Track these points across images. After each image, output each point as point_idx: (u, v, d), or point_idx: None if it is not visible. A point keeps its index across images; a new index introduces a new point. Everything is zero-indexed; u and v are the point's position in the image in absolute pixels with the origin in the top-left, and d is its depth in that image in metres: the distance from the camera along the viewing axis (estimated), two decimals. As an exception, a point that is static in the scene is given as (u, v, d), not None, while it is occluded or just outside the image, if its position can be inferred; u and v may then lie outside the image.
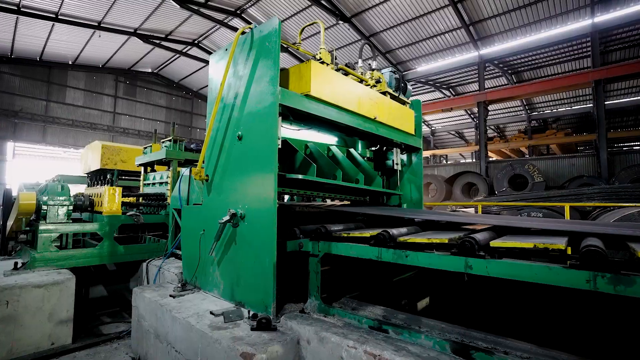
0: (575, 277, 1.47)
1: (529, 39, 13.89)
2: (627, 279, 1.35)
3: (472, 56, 15.22)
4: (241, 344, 1.96)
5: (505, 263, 1.66)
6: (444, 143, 33.84)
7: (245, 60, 2.79)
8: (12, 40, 15.49)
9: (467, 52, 15.36)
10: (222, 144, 2.96)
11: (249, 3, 14.77)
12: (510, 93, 13.91)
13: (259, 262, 2.47)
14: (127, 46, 17.55)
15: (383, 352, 1.75)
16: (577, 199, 6.58)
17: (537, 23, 13.24)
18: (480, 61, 14.90)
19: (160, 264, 3.81)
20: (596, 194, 6.41)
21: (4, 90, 17.17)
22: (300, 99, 2.69)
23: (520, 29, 13.62)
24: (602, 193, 6.34)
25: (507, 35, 14.07)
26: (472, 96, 14.94)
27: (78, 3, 13.22)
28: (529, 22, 13.17)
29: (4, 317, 3.00)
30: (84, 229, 3.88)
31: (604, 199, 6.19)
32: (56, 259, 3.62)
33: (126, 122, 21.61)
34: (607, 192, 6.31)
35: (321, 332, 2.03)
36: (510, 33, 13.97)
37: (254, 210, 2.55)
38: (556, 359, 1.70)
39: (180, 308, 2.63)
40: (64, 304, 3.33)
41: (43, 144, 18.18)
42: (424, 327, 2.13)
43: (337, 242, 2.41)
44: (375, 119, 3.47)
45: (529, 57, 16.16)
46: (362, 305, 2.55)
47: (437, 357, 1.75)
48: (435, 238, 1.98)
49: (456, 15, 13.16)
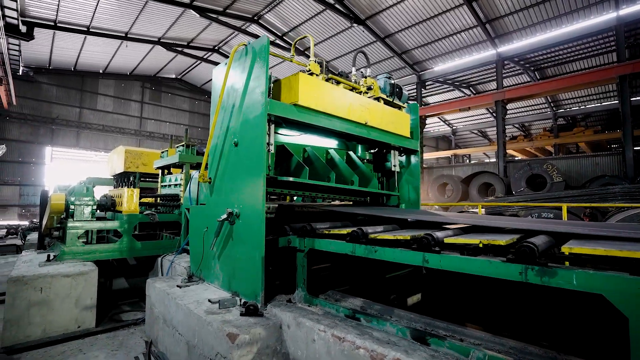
0: (511, 269, 1.63)
1: (550, 35, 13.48)
2: (551, 271, 1.51)
3: (489, 54, 14.95)
4: (228, 326, 2.24)
5: (455, 258, 1.84)
6: (467, 142, 33.11)
7: (241, 73, 3.08)
8: (50, 53, 16.77)
9: (484, 50, 15.10)
10: (222, 150, 3.27)
11: (266, 9, 15.23)
12: (529, 91, 13.56)
13: (250, 256, 2.75)
14: (152, 54, 18.52)
15: (347, 335, 1.97)
16: (590, 199, 6.42)
17: (558, 18, 12.84)
18: (498, 59, 14.61)
19: (173, 259, 4.18)
20: (610, 195, 6.24)
21: (43, 99, 18.59)
22: (289, 108, 2.95)
23: (539, 25, 13.26)
24: (616, 193, 6.16)
25: (526, 32, 13.73)
26: (489, 95, 14.68)
27: (107, 16, 14.16)
28: (549, 17, 12.81)
29: (39, 301, 3.46)
30: (105, 227, 4.33)
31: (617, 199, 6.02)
32: (82, 253, 4.07)
33: (152, 126, 22.74)
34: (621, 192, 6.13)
35: (299, 318, 2.28)
36: (530, 30, 13.62)
37: (247, 210, 2.84)
38: (503, 344, 1.86)
39: (183, 296, 2.95)
40: (89, 292, 3.76)
41: (77, 148, 19.51)
42: (395, 316, 2.33)
43: (320, 239, 2.65)
44: (367, 124, 3.67)
45: (552, 53, 15.65)
46: (345, 297, 2.77)
47: (395, 341, 1.95)
48: (400, 235, 2.18)
49: (471, 14, 13.00)
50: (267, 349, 2.29)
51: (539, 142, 20.79)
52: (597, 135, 18.21)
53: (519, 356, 1.74)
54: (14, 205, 17.99)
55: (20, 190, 18.07)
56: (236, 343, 2.12)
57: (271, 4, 14.71)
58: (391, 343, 1.89)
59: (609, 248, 1.48)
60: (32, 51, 15.97)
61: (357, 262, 3.69)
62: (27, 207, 17.99)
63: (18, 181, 18.03)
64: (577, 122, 23.32)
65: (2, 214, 17.43)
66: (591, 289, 1.41)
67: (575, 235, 1.87)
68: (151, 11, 14.17)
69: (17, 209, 17.94)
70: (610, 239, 1.74)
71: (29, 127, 18.21)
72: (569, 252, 1.54)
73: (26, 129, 18.16)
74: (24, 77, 17.13)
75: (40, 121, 18.39)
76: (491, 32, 13.92)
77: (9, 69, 12.29)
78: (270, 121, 3.07)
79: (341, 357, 1.94)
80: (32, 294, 3.41)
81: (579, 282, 1.44)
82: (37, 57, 17.03)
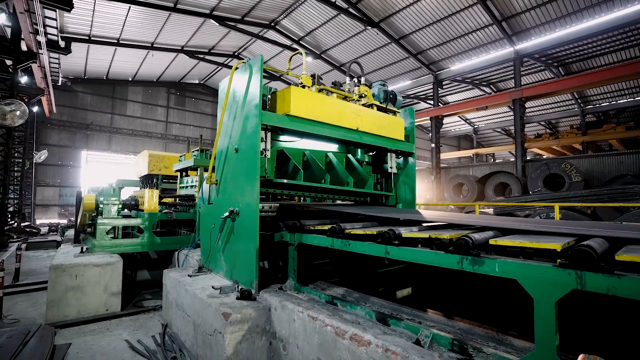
0: (451, 259, 1.90)
1: (572, 30, 13.07)
2: (480, 260, 1.77)
3: (507, 52, 14.68)
4: (224, 307, 2.63)
5: (409, 250, 2.13)
6: (490, 141, 32.26)
7: (240, 87, 3.48)
8: (85, 64, 18.12)
9: (502, 48, 14.83)
10: (226, 155, 3.68)
11: (282, 15, 15.73)
12: (547, 89, 13.22)
13: (247, 248, 3.13)
14: (176, 62, 19.53)
15: (319, 315, 2.31)
16: (599, 199, 6.33)
17: (578, 13, 12.46)
18: (516, 57, 14.32)
19: (187, 253, 4.66)
20: (619, 194, 6.12)
21: (79, 106, 20.07)
22: (282, 118, 3.31)
23: (559, 20, 12.91)
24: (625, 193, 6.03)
25: (544, 28, 13.39)
26: (507, 93, 14.42)
27: (135, 29, 15.16)
28: (568, 12, 12.45)
29: (74, 287, 4.02)
30: (129, 223, 4.88)
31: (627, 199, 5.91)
32: (109, 246, 4.63)
33: (177, 129, 23.90)
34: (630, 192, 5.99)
35: (283, 302, 2.63)
36: (549, 26, 13.28)
37: (245, 208, 3.23)
38: (453, 326, 2.13)
39: (192, 284, 3.39)
40: (115, 280, 4.30)
41: (109, 151, 20.89)
42: (369, 303, 2.63)
43: (307, 234, 2.99)
44: (358, 129, 3.97)
45: (576, 48, 15.13)
46: (330, 287, 3.10)
47: (360, 321, 2.26)
48: (369, 230, 2.48)
49: (486, 12, 12.87)
50: (257, 328, 2.66)
51: (565, 140, 20.00)
52: (630, 132, 17.29)
53: (462, 335, 2.01)
54: (54, 205, 19.54)
55: (59, 191, 19.60)
56: (229, 321, 2.50)
57: (287, 10, 15.18)
58: (355, 322, 2.21)
59: (530, 241, 1.73)
60: (69, 63, 17.33)
61: (351, 257, 4.01)
62: (66, 206, 19.48)
63: (58, 183, 19.57)
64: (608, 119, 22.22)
65: (44, 213, 18.99)
66: (508, 275, 1.67)
67: (518, 230, 2.11)
68: (174, 22, 15.03)
69: (57, 208, 19.48)
70: (540, 234, 1.97)
71: (67, 133, 19.73)
72: (494, 244, 1.80)
73: (64, 134, 19.68)
74: (62, 87, 18.58)
75: (77, 127, 19.86)
76: (508, 30, 13.69)
77: (50, 80, 13.48)
78: (267, 129, 3.44)
79: (313, 333, 2.27)
80: (68, 280, 3.97)
81: (500, 270, 1.70)
82: (73, 68, 18.43)
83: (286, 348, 2.53)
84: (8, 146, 11.64)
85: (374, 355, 1.83)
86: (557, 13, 12.60)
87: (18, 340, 2.45)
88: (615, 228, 2.22)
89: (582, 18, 12.67)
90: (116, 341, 3.52)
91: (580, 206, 6.21)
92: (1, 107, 7.24)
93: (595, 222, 4.71)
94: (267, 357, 2.67)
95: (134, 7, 13.29)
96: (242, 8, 14.80)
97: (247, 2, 14.36)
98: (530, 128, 26.51)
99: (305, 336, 2.35)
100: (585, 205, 5.94)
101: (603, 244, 1.61)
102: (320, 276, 3.47)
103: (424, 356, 1.69)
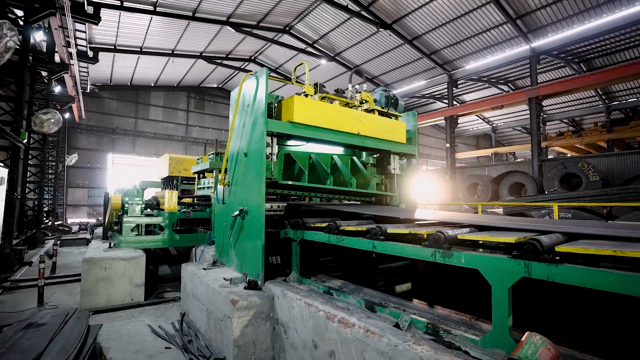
0: (427, 252, 2.14)
1: (591, 25, 12.76)
2: (449, 253, 2.01)
3: (523, 50, 14.46)
4: (233, 295, 2.96)
5: (392, 244, 2.38)
6: (510, 140, 31.52)
7: (248, 97, 3.81)
8: (110, 72, 19.15)
9: (517, 46, 14.62)
10: (236, 159, 4.03)
11: (296, 20, 16.11)
12: (565, 86, 12.94)
13: (254, 244, 3.46)
14: (195, 67, 20.30)
15: (314, 302, 2.59)
16: (608, 199, 6.26)
17: (597, 8, 12.16)
18: (532, 54, 14.10)
19: (203, 249, 5.05)
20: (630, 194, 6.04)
21: (106, 112, 21.21)
22: (286, 125, 3.61)
23: (576, 16, 12.63)
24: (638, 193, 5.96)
25: (561, 24, 13.13)
26: (523, 92, 14.20)
27: (156, 37, 15.94)
28: (586, 8, 12.18)
29: (104, 278, 4.48)
30: (151, 221, 5.32)
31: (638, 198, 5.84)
32: (134, 242, 5.09)
33: (196, 132, 24.77)
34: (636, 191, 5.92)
35: (285, 291, 2.93)
36: (566, 22, 13.01)
37: (252, 207, 3.55)
38: (432, 313, 2.37)
39: (206, 275, 3.75)
40: (139, 273, 4.74)
41: (133, 154, 21.95)
42: (362, 293, 2.90)
43: (307, 231, 3.28)
44: (359, 134, 4.23)
45: (599, 43, 14.71)
46: (330, 279, 3.38)
47: (350, 308, 2.53)
48: (360, 227, 2.74)
49: (499, 11, 12.76)
50: (262, 314, 2.98)
51: (589, 138, 19.35)
52: (658, 129, 16.62)
53: (439, 320, 2.24)
54: (84, 205, 20.75)
55: (88, 192, 20.79)
56: (237, 307, 2.83)
57: (300, 15, 15.54)
58: (344, 309, 2.48)
59: (492, 236, 1.95)
60: (96, 71, 18.37)
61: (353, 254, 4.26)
62: (94, 206, 20.64)
63: (87, 184, 20.76)
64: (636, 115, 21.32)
65: (75, 213, 20.19)
66: (471, 265, 1.90)
67: (492, 227, 2.32)
68: (193, 30, 15.70)
69: (87, 208, 20.67)
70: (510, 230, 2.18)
71: (94, 137, 20.89)
72: (462, 238, 2.03)
73: (92, 138, 20.85)
74: (90, 94, 19.73)
75: (104, 131, 21.01)
76: (523, 28, 13.51)
77: (79, 88, 14.41)
78: (273, 135, 3.76)
79: (308, 317, 2.56)
80: (99, 272, 4.44)
81: (465, 261, 1.94)
82: (100, 75, 19.52)
83: (287, 332, 2.83)
84: (43, 151, 12.58)
85: (357, 335, 2.10)
86: (575, 9, 12.35)
87: (59, 320, 2.87)
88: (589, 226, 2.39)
89: (601, 13, 12.36)
90: (140, 326, 3.93)
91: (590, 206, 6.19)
92: (39, 116, 7.95)
93: (580, 220, 4.73)
94: (270, 340, 2.98)
95: (155, 18, 14.01)
96: (257, 14, 15.28)
97: (262, 9, 14.82)
98: (553, 126, 25.77)
99: (302, 321, 2.64)
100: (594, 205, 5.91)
101: (557, 239, 1.82)
102: (325, 271, 3.75)
103: (397, 335, 1.94)
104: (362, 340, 2.05)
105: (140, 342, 3.50)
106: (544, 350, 1.51)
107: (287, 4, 14.65)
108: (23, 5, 7.01)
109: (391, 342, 1.88)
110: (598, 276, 1.46)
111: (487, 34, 14.41)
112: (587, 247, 1.57)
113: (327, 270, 3.82)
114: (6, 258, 6.61)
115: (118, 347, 3.39)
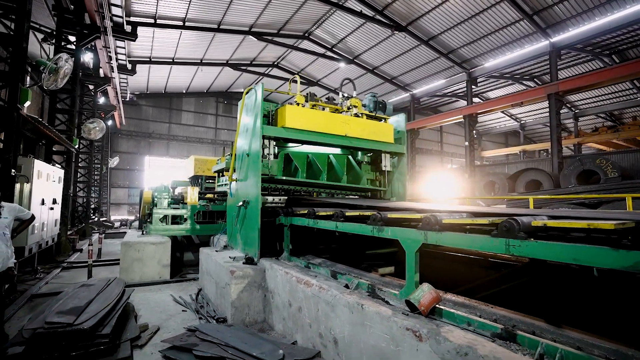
0: (367, 229, 2.74)
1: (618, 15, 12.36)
2: (383, 228, 2.60)
3: (542, 45, 14.24)
4: (232, 267, 3.70)
5: (347, 224, 3.00)
6: (542, 136, 30.33)
7: (251, 107, 4.56)
8: (147, 81, 20.95)
9: (536, 42, 14.41)
10: (242, 158, 4.79)
11: (314, 26, 16.85)
12: (587, 81, 12.61)
13: (252, 228, 4.19)
14: (222, 74, 21.65)
15: (291, 271, 3.27)
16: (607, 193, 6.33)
17: (619, 0, 11.82)
18: (552, 50, 13.85)
19: (219, 236, 5.88)
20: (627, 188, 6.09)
21: (143, 118, 23.15)
22: (279, 130, 4.32)
23: (597, 9, 12.32)
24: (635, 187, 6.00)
25: (582, 17, 12.83)
26: (542, 88, 13.99)
27: (186, 49, 17.35)
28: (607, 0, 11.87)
29: (138, 259, 5.43)
30: (175, 213, 6.25)
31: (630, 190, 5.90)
32: (161, 230, 6.03)
33: (225, 135, 26.24)
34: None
35: (273, 265, 3.63)
36: (587, 15, 12.71)
37: (252, 199, 4.29)
38: (378, 279, 2.95)
39: (217, 255, 4.54)
40: (165, 255, 5.65)
41: (167, 156, 23.76)
42: (333, 267, 3.53)
43: (295, 217, 3.96)
44: (347, 135, 4.84)
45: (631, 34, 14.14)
46: (314, 258, 4.03)
47: (317, 276, 3.17)
48: (329, 211, 3.38)
49: (514, 8, 12.73)
50: (255, 283, 3.70)
51: (625, 133, 18.36)
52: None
53: (380, 283, 2.83)
54: (124, 203, 22.81)
55: (128, 192, 22.84)
56: (234, 276, 3.57)
57: (318, 22, 16.26)
58: (311, 276, 3.13)
59: (411, 215, 2.52)
60: (134, 82, 20.20)
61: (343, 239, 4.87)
62: (134, 205, 22.62)
63: (127, 184, 22.82)
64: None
65: (116, 210, 22.27)
66: (394, 237, 2.49)
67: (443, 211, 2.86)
68: (219, 40, 16.92)
69: (127, 206, 22.72)
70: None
71: (133, 141, 22.90)
72: (392, 217, 2.62)
73: (131, 142, 22.87)
74: (129, 102, 21.67)
75: (141, 136, 22.97)
76: (540, 23, 13.33)
77: (120, 98, 16.07)
78: (270, 138, 4.47)
79: (286, 283, 3.24)
80: (134, 253, 5.39)
81: (391, 234, 2.53)
82: (138, 85, 21.41)
83: (273, 297, 3.53)
84: (90, 154, 14.23)
85: (314, 291, 2.75)
86: (595, 1, 12.07)
87: (104, 283, 3.79)
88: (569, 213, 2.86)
89: (624, 4, 11.98)
90: (165, 296, 4.81)
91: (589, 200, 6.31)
92: (87, 124, 9.28)
93: (563, 209, 4.88)
94: (262, 304, 3.70)
95: (185, 32, 15.33)
96: (277, 23, 16.19)
97: (281, 18, 15.70)
98: (587, 121, 24.59)
99: (282, 286, 3.32)
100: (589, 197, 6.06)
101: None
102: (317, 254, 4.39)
103: (339, 290, 2.58)
104: (316, 294, 2.70)
105: (163, 307, 4.35)
106: (428, 293, 2.09)
107: (304, 13, 15.42)
108: (75, 32, 8.29)
109: (333, 294, 2.52)
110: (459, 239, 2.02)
111: (504, 31, 14.33)
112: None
113: (318, 254, 4.46)
114: (62, 244, 7.87)
115: (147, 309, 4.25)
